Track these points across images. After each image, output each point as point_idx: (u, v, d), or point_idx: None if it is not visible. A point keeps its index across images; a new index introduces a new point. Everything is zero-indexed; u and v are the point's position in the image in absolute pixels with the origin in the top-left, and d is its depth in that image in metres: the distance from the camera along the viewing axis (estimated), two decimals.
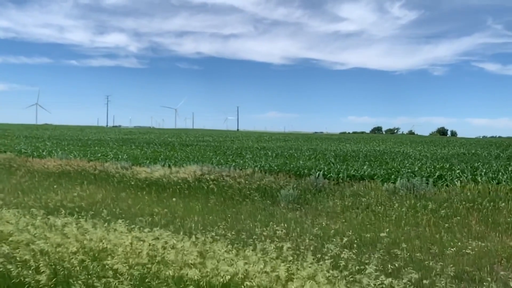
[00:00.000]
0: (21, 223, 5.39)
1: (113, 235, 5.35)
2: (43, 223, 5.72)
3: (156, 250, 4.48)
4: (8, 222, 5.38)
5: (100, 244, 4.53)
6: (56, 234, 4.95)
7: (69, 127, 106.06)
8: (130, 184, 14.44)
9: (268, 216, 10.48)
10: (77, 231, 5.14)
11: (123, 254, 4.21)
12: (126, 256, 4.20)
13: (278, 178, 13.76)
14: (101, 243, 4.56)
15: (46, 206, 10.51)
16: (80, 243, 4.57)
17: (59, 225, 5.62)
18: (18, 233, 4.89)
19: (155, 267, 4.00)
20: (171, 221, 9.75)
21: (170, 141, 44.02)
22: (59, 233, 5.06)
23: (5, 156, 21.53)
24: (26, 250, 4.30)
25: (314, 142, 43.91)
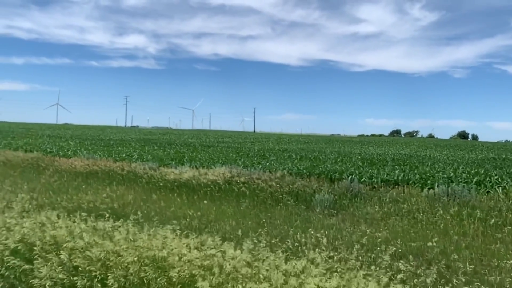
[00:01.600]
0: (69, 227, 5.17)
1: (159, 240, 5.09)
2: (90, 227, 5.49)
3: (218, 259, 4.18)
4: (60, 226, 5.17)
5: (157, 252, 4.25)
6: (107, 240, 4.71)
7: (89, 126, 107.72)
8: (159, 185, 14.28)
9: (304, 222, 10.13)
10: (126, 236, 4.89)
11: (185, 266, 3.92)
12: (189, 267, 3.91)
13: (310, 181, 13.36)
14: (158, 251, 4.28)
15: (79, 207, 10.37)
16: (136, 250, 4.31)
17: (107, 229, 5.40)
18: (70, 238, 4.67)
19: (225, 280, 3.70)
20: (205, 225, 9.50)
21: (191, 142, 44.04)
22: (109, 238, 4.82)
23: (32, 156, 21.73)
24: (84, 259, 4.07)
25: (335, 145, 43.27)
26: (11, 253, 4.32)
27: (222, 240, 6.21)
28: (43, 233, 4.92)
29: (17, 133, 49.95)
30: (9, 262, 3.98)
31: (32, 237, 4.75)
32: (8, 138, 40.20)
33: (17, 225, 5.19)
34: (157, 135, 61.46)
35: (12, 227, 5.12)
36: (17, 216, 6.12)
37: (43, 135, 47.31)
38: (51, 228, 5.09)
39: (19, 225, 5.21)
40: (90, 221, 6.13)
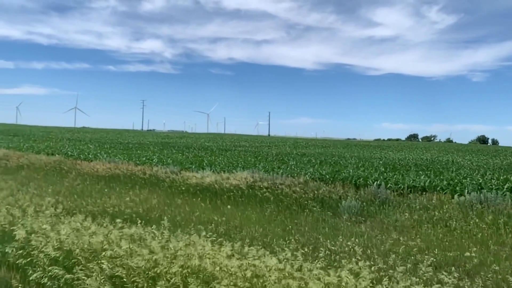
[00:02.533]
0: (104, 233, 5.06)
1: (195, 248, 4.93)
2: (124, 233, 5.37)
3: (259, 270, 4.00)
4: (95, 233, 5.06)
5: (197, 261, 4.09)
6: (144, 247, 4.57)
7: (108, 130, 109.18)
8: (181, 189, 14.21)
9: (332, 229, 9.88)
10: (161, 244, 4.75)
11: (230, 278, 3.75)
12: (233, 280, 3.73)
13: (334, 187, 13.08)
14: (198, 260, 4.12)
15: (105, 211, 10.35)
16: (175, 259, 4.16)
17: (141, 236, 5.27)
18: (107, 245, 4.54)
19: None
20: (231, 231, 9.34)
21: (208, 145, 44.09)
22: (145, 245, 4.68)
23: (55, 159, 21.97)
24: (126, 268, 3.93)
25: (354, 149, 42.72)
26: (50, 261, 4.22)
27: (254, 248, 6.03)
28: (80, 239, 4.81)
29: (38, 136, 50.87)
30: (51, 271, 3.88)
31: (69, 244, 4.64)
32: (30, 141, 40.93)
33: (52, 231, 5.11)
34: (174, 138, 61.82)
35: (48, 233, 5.04)
36: (50, 221, 6.05)
37: (63, 138, 48.05)
38: (86, 235, 4.99)
39: (54, 231, 5.13)
40: (120, 226, 6.03)
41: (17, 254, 4.42)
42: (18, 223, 5.76)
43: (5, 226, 5.84)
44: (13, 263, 4.39)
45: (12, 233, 5.24)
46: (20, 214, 6.77)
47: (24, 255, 4.43)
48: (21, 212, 6.95)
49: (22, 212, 6.97)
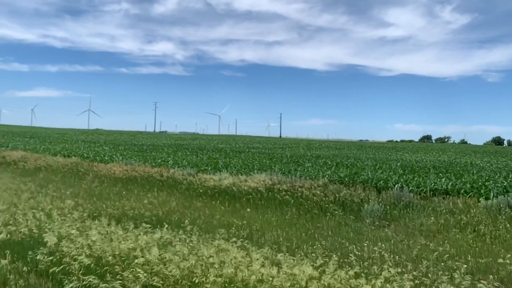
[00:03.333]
0: (132, 238, 4.94)
1: (226, 254, 4.78)
2: (151, 238, 5.25)
3: (298, 279, 3.83)
4: (124, 238, 4.95)
5: (233, 270, 3.93)
6: (174, 254, 4.43)
7: (121, 132, 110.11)
8: (199, 192, 14.10)
9: (356, 233, 9.65)
10: (192, 250, 4.61)
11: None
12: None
13: (355, 190, 12.82)
14: (234, 269, 3.97)
15: (125, 214, 10.28)
16: (209, 267, 4.01)
17: (170, 241, 5.14)
18: (137, 251, 4.42)
19: None
20: (253, 235, 9.17)
21: (221, 147, 44.02)
22: (175, 252, 4.55)
23: (72, 161, 22.10)
24: (162, 278, 3.79)
25: (368, 151, 42.22)
26: (83, 269, 4.09)
27: (284, 254, 5.85)
28: (110, 245, 4.69)
29: (53, 138, 51.46)
30: (85, 280, 3.76)
31: (100, 251, 4.53)
32: (46, 143, 41.37)
33: (80, 236, 5.01)
34: (187, 140, 61.98)
35: (76, 238, 4.94)
36: (76, 225, 5.96)
37: (77, 140, 48.50)
38: (115, 240, 4.88)
39: (83, 236, 5.03)
40: (145, 231, 5.92)
41: (48, 260, 4.31)
42: (45, 227, 5.68)
43: (33, 230, 5.76)
44: (44, 271, 4.29)
45: (41, 238, 5.15)
46: (45, 217, 6.70)
47: (55, 262, 4.32)
48: (45, 215, 6.88)
49: (47, 216, 6.90)
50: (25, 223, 6.00)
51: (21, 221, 6.11)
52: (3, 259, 4.40)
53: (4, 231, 5.41)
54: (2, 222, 5.99)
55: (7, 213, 7.05)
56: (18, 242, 5.29)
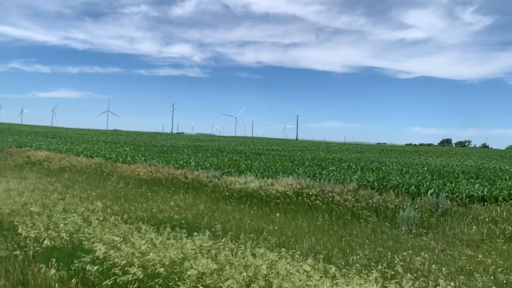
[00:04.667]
0: (174, 245, 4.70)
1: (283, 267, 4.48)
2: (194, 245, 5.01)
3: None
4: (168, 245, 4.69)
5: (290, 284, 3.65)
6: (225, 264, 4.17)
7: (140, 133, 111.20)
8: (225, 194, 13.87)
9: (393, 241, 9.23)
10: (241, 261, 4.34)
11: None
12: None
13: (387, 196, 12.38)
14: (290, 282, 3.68)
15: (153, 217, 10.11)
16: (263, 280, 3.73)
17: (212, 249, 4.88)
18: (187, 260, 4.17)
19: None
20: (288, 242, 8.85)
21: (240, 149, 43.82)
22: (225, 262, 4.29)
23: (95, 161, 22.19)
24: None
25: (390, 154, 41.38)
26: (135, 282, 3.86)
27: (326, 263, 5.53)
28: (157, 255, 4.45)
29: (75, 139, 52.13)
30: None
31: (150, 261, 4.29)
32: (67, 143, 41.88)
33: (124, 243, 4.80)
34: (206, 142, 62.04)
35: (120, 246, 4.73)
36: (116, 230, 5.76)
37: (98, 141, 49.00)
38: (160, 248, 4.64)
39: (127, 243, 4.81)
40: (181, 235, 5.68)
41: (96, 271, 4.10)
42: (84, 232, 5.49)
43: (73, 235, 5.58)
44: (94, 283, 4.06)
45: (81, 244, 4.96)
46: (82, 221, 6.54)
47: (103, 272, 4.10)
48: (82, 219, 6.72)
49: (83, 220, 6.74)
50: (64, 228, 5.84)
51: (61, 225, 5.94)
52: (48, 267, 4.23)
53: (47, 237, 5.24)
54: (43, 227, 5.84)
55: (44, 216, 6.93)
56: (60, 248, 5.11)
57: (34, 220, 6.58)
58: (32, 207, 8.24)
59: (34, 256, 4.80)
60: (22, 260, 4.67)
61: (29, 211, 7.72)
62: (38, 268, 4.37)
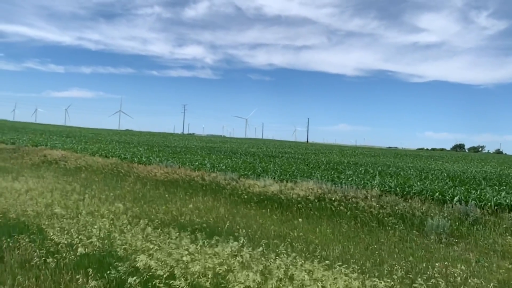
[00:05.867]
0: (212, 254, 4.46)
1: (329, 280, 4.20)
2: (230, 254, 4.76)
3: None
4: (207, 253, 4.45)
5: None
6: (266, 277, 3.92)
7: (152, 133, 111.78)
8: (244, 198, 13.62)
9: (423, 251, 8.88)
10: (283, 272, 4.08)
11: None
12: None
13: (413, 202, 12.00)
14: None
15: (174, 219, 9.90)
16: None
17: (245, 257, 4.63)
18: (229, 272, 3.93)
19: None
20: (315, 249, 8.55)
21: (253, 151, 43.62)
22: (269, 275, 4.03)
23: (111, 161, 22.14)
24: None
25: (406, 159, 40.75)
26: None
27: (361, 273, 5.24)
28: (194, 263, 4.22)
29: (89, 138, 52.47)
30: None
31: (193, 274, 4.04)
32: (82, 142, 42.12)
33: (159, 252, 4.57)
34: (218, 143, 61.97)
35: (157, 254, 4.49)
36: (147, 236, 5.54)
37: (112, 141, 49.22)
38: (197, 257, 4.40)
39: (162, 251, 4.58)
40: (209, 242, 5.43)
41: (137, 283, 3.83)
42: (115, 238, 5.27)
43: (105, 241, 5.36)
44: None
45: (114, 251, 4.74)
46: (109, 225, 6.33)
47: (141, 283, 3.85)
48: (109, 223, 6.52)
49: (111, 223, 6.54)
50: (95, 233, 5.62)
51: (91, 230, 5.71)
52: (86, 278, 4.01)
53: (79, 243, 5.01)
54: (74, 231, 5.62)
55: (70, 219, 6.74)
56: (91, 255, 4.88)
57: (61, 224, 6.40)
58: (56, 208, 8.08)
59: (66, 264, 4.58)
60: (54, 268, 4.45)
61: (54, 213, 7.56)
62: (71, 276, 4.15)
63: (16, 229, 6.13)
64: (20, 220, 6.73)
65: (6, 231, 5.98)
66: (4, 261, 4.88)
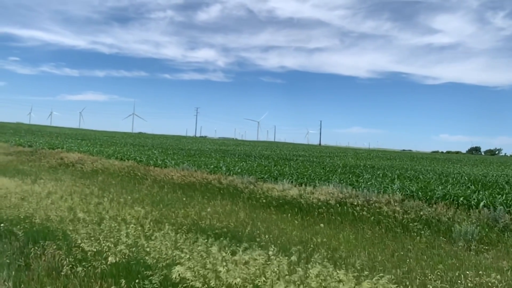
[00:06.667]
0: (248, 263, 4.29)
1: None
2: (260, 262, 4.57)
3: None
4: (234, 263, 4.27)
5: None
6: None
7: (165, 136, 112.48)
8: (262, 202, 13.43)
9: (451, 258, 8.55)
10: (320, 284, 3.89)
11: None
12: None
13: (438, 207, 11.65)
14: None
15: (194, 224, 9.76)
16: None
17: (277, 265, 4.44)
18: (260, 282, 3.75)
19: None
20: (341, 255, 8.30)
21: (267, 154, 43.41)
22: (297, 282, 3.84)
23: (127, 164, 22.18)
24: None
25: (423, 162, 40.05)
26: None
27: None
28: (228, 273, 4.04)
29: (103, 141, 52.92)
30: None
31: (224, 284, 3.86)
32: (97, 145, 42.48)
33: (192, 261, 4.38)
34: (231, 146, 61.94)
35: (186, 262, 4.31)
36: (176, 243, 5.38)
37: (126, 143, 49.57)
38: (231, 267, 4.22)
39: (196, 261, 4.39)
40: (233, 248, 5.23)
41: None
42: (143, 246, 5.11)
43: (132, 248, 5.21)
44: None
45: (143, 259, 4.59)
46: (134, 231, 6.19)
47: None
48: (135, 229, 6.39)
49: (136, 229, 6.40)
50: (121, 239, 5.48)
51: (117, 236, 5.56)
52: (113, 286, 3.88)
53: (110, 252, 4.86)
54: (103, 239, 5.49)
55: (96, 226, 6.62)
56: (121, 264, 4.71)
57: (86, 229, 6.29)
58: (79, 213, 8.00)
59: (96, 273, 4.42)
60: (83, 278, 4.31)
61: (77, 218, 7.47)
62: (100, 286, 4.01)
63: (41, 235, 6.05)
64: (45, 226, 6.64)
65: (32, 237, 5.91)
66: (31, 269, 4.79)
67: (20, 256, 5.25)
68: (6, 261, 5.10)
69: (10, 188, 11.50)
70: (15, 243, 5.73)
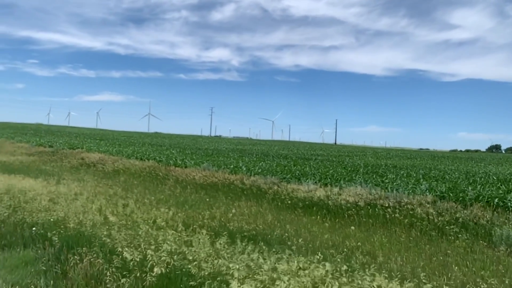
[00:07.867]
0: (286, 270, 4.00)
1: None
2: (309, 271, 4.28)
3: None
4: (284, 272, 3.99)
5: None
6: None
7: (182, 136, 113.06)
8: (287, 203, 13.13)
9: (494, 264, 8.11)
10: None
11: None
12: None
13: (473, 209, 11.16)
14: None
15: (222, 226, 9.51)
16: None
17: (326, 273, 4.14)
18: None
19: None
20: (378, 261, 7.95)
21: (285, 153, 43.05)
22: None
23: (148, 164, 22.15)
24: None
25: (446, 162, 39.09)
26: None
27: None
28: (282, 285, 3.77)
29: (121, 141, 53.34)
30: None
31: None
32: (116, 145, 42.79)
33: (239, 270, 4.13)
34: (248, 145, 61.77)
35: (235, 271, 4.05)
36: (219, 251, 5.13)
37: (144, 143, 49.84)
38: (282, 277, 3.95)
39: (238, 269, 4.14)
40: (275, 255, 4.95)
41: None
42: (185, 253, 4.86)
43: (174, 257, 4.95)
44: None
45: (185, 268, 4.34)
46: (173, 237, 5.96)
47: None
48: (172, 235, 6.15)
49: (175, 234, 6.16)
50: (164, 247, 5.21)
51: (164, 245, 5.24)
52: None
53: (155, 263, 4.57)
54: (145, 247, 5.23)
55: (131, 231, 6.42)
56: (167, 276, 4.42)
57: (121, 234, 6.10)
58: (109, 216, 7.86)
59: (145, 286, 4.16)
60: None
61: (108, 222, 7.31)
62: None
63: (75, 240, 5.88)
64: (79, 230, 6.48)
65: (66, 243, 5.74)
66: (68, 277, 4.60)
67: (56, 263, 5.09)
68: (43, 268, 4.95)
69: (37, 190, 11.47)
70: (50, 248, 5.58)
